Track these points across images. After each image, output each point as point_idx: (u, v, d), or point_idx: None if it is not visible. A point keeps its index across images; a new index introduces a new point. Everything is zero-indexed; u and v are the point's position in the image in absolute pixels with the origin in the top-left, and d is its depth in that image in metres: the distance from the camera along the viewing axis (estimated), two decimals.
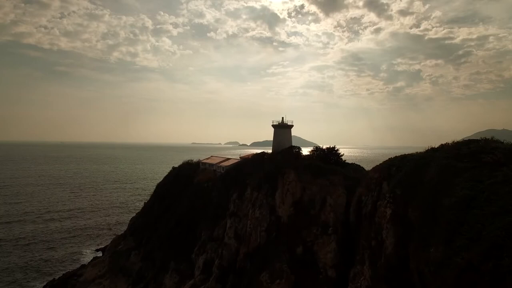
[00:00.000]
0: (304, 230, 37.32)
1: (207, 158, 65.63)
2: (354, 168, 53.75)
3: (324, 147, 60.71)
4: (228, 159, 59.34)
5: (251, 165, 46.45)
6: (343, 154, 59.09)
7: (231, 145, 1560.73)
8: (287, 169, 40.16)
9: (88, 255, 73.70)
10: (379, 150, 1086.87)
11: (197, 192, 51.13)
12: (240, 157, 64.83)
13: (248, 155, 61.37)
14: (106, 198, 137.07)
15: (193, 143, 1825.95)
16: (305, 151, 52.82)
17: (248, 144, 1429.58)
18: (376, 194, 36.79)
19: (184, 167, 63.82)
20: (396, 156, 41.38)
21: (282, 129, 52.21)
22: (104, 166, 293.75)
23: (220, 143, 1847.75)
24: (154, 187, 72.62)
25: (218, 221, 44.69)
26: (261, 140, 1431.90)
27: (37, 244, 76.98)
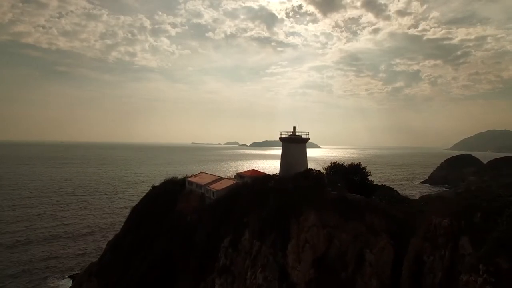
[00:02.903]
0: None
1: (195, 175, 52.18)
2: (386, 194, 40.43)
3: (344, 163, 47.35)
4: (221, 178, 45.85)
5: (250, 194, 33.01)
6: (370, 173, 45.79)
7: (231, 145, 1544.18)
8: (304, 208, 27.01)
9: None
10: (380, 151, 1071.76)
11: (177, 228, 37.80)
12: (236, 174, 51.46)
13: (247, 172, 48.07)
14: (94, 210, 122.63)
15: (192, 143, 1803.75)
16: (312, 152, 39.25)
17: (248, 144, 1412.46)
18: (448, 255, 23.46)
19: (166, 187, 50.13)
20: (471, 190, 28.05)
21: (294, 144, 38.34)
22: (99, 169, 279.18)
23: (220, 143, 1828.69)
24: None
25: (203, 275, 31.37)
26: (261, 141, 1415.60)
27: None
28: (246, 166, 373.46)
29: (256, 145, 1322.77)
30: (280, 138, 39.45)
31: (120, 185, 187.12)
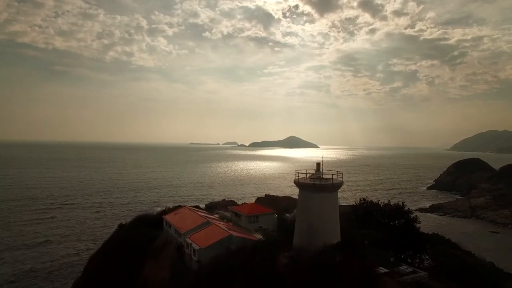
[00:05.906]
0: None
1: (175, 212, 39.47)
2: (449, 257, 28.04)
3: (380, 202, 35.00)
4: (208, 223, 33.19)
5: (248, 278, 20.50)
6: (417, 217, 33.42)
7: (229, 146, 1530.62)
8: None
9: None
10: (379, 151, 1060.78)
11: None
12: (230, 210, 39.05)
13: (244, 209, 35.73)
14: (76, 229, 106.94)
15: (191, 143, 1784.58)
16: (312, 153, 24.94)
17: (247, 145, 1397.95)
18: None
19: (136, 231, 37.25)
20: None
21: (321, 194, 23.48)
22: (93, 173, 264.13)
23: (218, 143, 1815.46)
24: (143, 207, 45.54)
25: None
26: (259, 141, 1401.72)
27: None
28: (244, 167, 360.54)
29: (255, 145, 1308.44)
30: (297, 183, 24.88)
31: (110, 194, 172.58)
